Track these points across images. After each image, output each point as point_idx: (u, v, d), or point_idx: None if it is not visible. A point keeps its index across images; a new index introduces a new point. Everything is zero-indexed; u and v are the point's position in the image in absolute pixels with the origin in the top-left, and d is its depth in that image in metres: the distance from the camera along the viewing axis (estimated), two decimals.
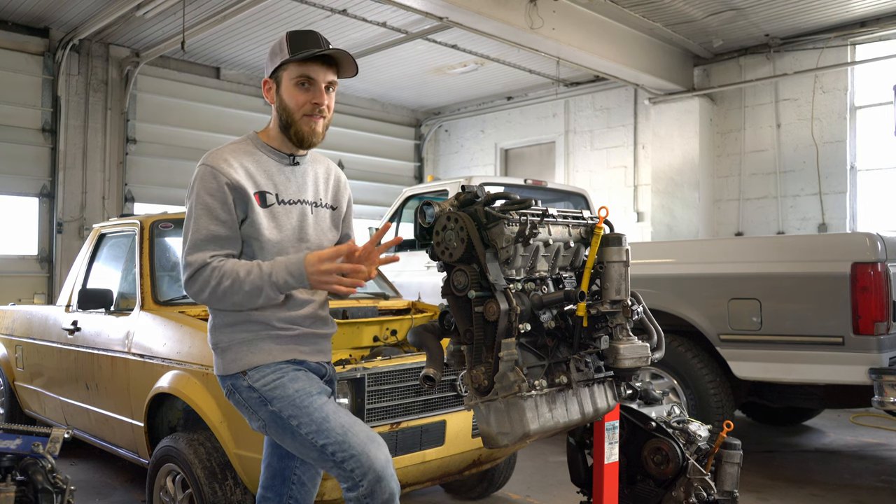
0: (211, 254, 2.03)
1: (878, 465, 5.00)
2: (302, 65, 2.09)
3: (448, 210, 2.02)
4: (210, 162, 2.09)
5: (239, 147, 2.17)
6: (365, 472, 1.94)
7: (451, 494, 4.23)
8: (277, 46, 2.13)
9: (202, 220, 2.04)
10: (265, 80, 2.18)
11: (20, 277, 8.51)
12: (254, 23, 8.34)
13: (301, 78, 2.10)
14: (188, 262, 2.02)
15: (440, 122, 12.68)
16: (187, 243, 2.04)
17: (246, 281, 1.99)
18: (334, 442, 1.97)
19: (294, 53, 2.08)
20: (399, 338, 3.72)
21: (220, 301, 2.03)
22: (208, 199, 2.05)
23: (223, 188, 2.05)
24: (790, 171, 8.73)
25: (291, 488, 2.27)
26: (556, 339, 2.05)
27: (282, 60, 2.10)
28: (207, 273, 2.00)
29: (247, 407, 2.10)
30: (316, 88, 2.12)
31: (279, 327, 2.11)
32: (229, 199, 2.06)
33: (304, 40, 2.10)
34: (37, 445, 2.84)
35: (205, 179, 2.07)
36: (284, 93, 2.13)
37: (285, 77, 2.12)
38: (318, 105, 2.12)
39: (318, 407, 2.03)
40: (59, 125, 8.70)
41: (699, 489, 2.44)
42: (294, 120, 2.13)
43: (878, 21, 7.95)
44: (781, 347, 4.22)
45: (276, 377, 2.07)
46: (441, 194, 6.56)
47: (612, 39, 8.16)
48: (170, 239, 4.13)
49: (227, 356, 2.11)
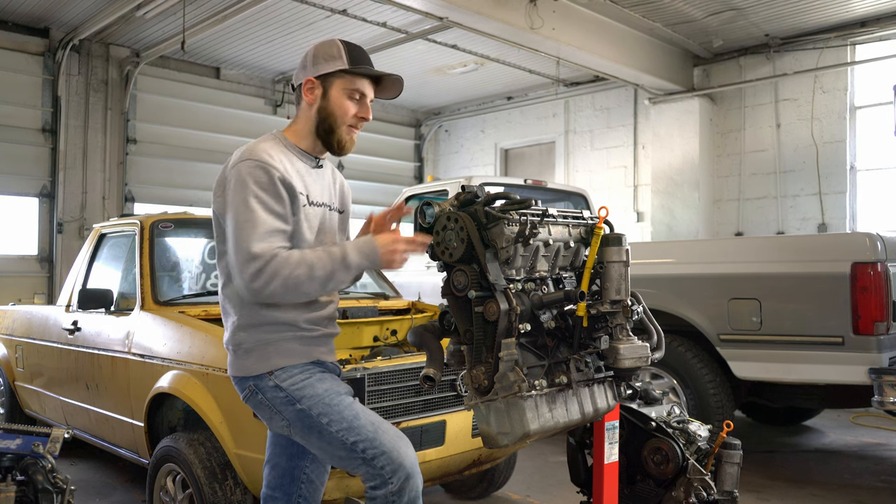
0: (278, 244, 1.99)
1: (878, 465, 5.00)
2: (357, 78, 2.13)
3: (448, 210, 2.02)
4: (255, 157, 2.04)
5: (273, 146, 2.12)
6: (396, 468, 1.96)
7: (451, 494, 4.23)
8: (334, 50, 2.12)
9: (260, 213, 1.98)
10: (309, 79, 2.14)
11: (20, 277, 8.51)
12: (254, 23, 8.34)
13: (355, 91, 2.14)
14: (256, 253, 1.93)
15: (440, 122, 12.68)
16: (251, 236, 1.95)
17: (317, 266, 1.97)
18: (365, 439, 1.99)
19: (354, 65, 2.10)
20: (399, 338, 3.72)
21: (290, 292, 1.98)
22: (263, 193, 2.00)
23: (276, 183, 2.03)
24: (790, 171, 8.73)
25: (301, 487, 2.27)
26: (556, 339, 2.05)
27: (341, 68, 2.10)
28: (277, 263, 1.94)
29: (270, 407, 2.09)
30: (364, 104, 2.17)
31: (305, 328, 2.13)
32: (283, 193, 2.04)
33: (360, 55, 2.15)
34: (37, 445, 2.85)
35: (254, 173, 2.01)
36: (334, 100, 2.13)
37: (338, 84, 2.13)
38: (364, 120, 2.18)
39: (348, 405, 2.05)
40: (59, 125, 8.71)
41: (699, 489, 2.44)
42: (337, 127, 2.14)
43: (878, 21, 7.96)
44: (781, 347, 4.22)
45: (305, 377, 2.08)
46: (441, 194, 6.56)
47: (612, 39, 8.16)
48: (170, 239, 4.13)
49: (252, 356, 2.09)
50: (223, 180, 2.09)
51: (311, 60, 2.15)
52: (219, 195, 2.10)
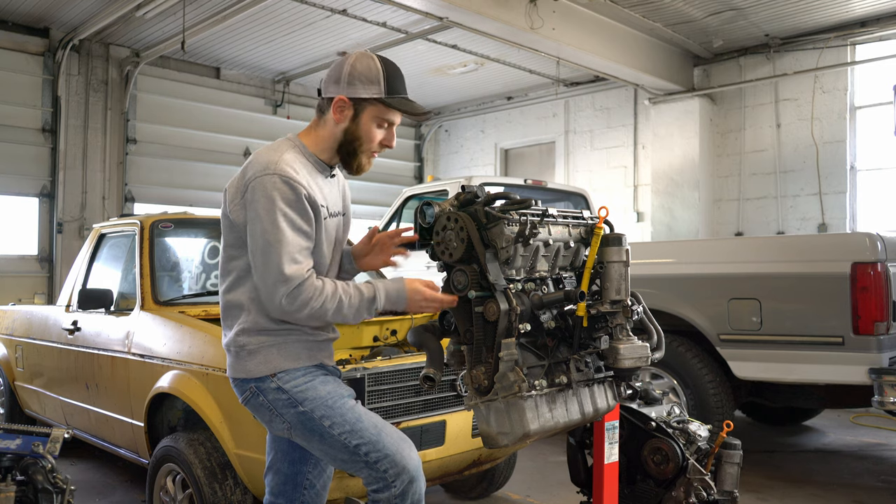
0: (307, 266, 1.99)
1: (878, 465, 5.00)
2: (391, 109, 2.11)
3: (448, 210, 2.02)
4: (280, 171, 1.99)
5: (293, 156, 2.08)
6: (399, 472, 1.96)
7: (451, 494, 4.23)
8: (372, 74, 2.08)
9: (289, 232, 1.97)
10: (342, 98, 2.08)
11: (20, 277, 8.51)
12: (254, 23, 8.34)
13: (385, 121, 2.13)
14: (288, 275, 1.93)
15: (440, 122, 12.68)
16: (282, 257, 1.94)
17: (347, 304, 2.00)
18: (368, 442, 1.98)
19: (391, 95, 2.08)
20: (399, 338, 3.72)
21: (315, 319, 2.01)
22: (291, 211, 1.98)
23: (303, 200, 2.01)
24: (790, 171, 8.73)
25: (303, 493, 2.25)
26: (556, 339, 2.05)
27: (377, 97, 2.07)
28: (309, 290, 1.95)
29: (271, 409, 2.08)
30: (391, 132, 2.16)
31: (310, 332, 2.13)
32: (309, 211, 2.03)
33: (397, 82, 2.12)
34: (37, 445, 2.84)
35: (281, 189, 1.97)
36: (363, 125, 2.11)
37: (370, 111, 2.10)
38: (387, 147, 2.18)
39: (350, 408, 2.05)
40: (59, 125, 8.70)
41: (699, 489, 2.44)
42: (361, 152, 2.14)
43: (878, 21, 7.95)
44: (781, 347, 4.22)
45: (308, 380, 2.08)
46: (441, 194, 6.56)
47: (612, 39, 8.16)
48: (170, 239, 4.13)
49: (255, 358, 2.08)
50: (242, 187, 2.04)
51: (346, 77, 2.08)
52: (237, 202, 2.06)
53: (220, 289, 2.18)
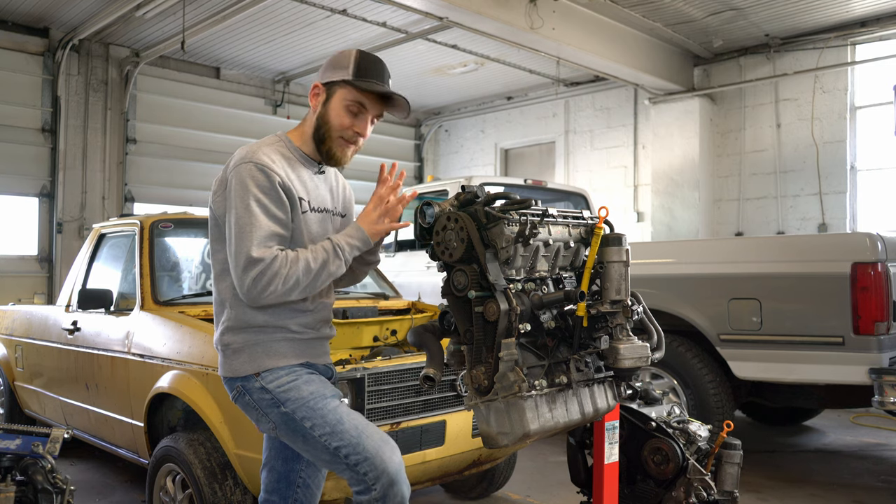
0: (277, 248, 1.99)
1: (878, 465, 5.00)
2: (361, 91, 2.11)
3: (448, 210, 2.02)
4: (256, 160, 2.02)
5: (275, 149, 2.11)
6: (378, 475, 1.93)
7: (451, 494, 4.23)
8: (344, 59, 2.12)
9: (262, 217, 1.98)
10: (316, 84, 2.15)
11: (20, 277, 8.51)
12: (254, 23, 8.34)
13: (355, 104, 2.12)
14: (256, 257, 1.94)
15: (440, 122, 12.68)
16: (252, 240, 1.95)
17: (311, 259, 2.00)
18: (348, 444, 1.96)
19: (358, 77, 2.09)
20: (399, 338, 3.72)
21: (289, 292, 1.98)
22: (264, 197, 2.00)
23: (277, 188, 2.02)
24: (790, 171, 8.73)
25: (297, 491, 2.26)
26: (556, 339, 2.05)
27: (343, 79, 2.10)
28: (277, 265, 1.95)
29: (257, 409, 2.08)
30: (363, 118, 2.15)
31: (295, 331, 2.12)
32: (283, 198, 2.04)
33: (371, 68, 2.12)
34: (37, 445, 2.84)
35: (256, 177, 2.00)
36: (332, 109, 2.12)
37: (339, 94, 2.11)
38: (358, 134, 2.16)
39: (332, 409, 2.03)
40: (59, 125, 8.70)
41: (699, 489, 2.44)
42: (330, 137, 2.13)
43: (878, 21, 7.95)
44: (781, 347, 4.22)
45: (291, 379, 2.06)
46: (441, 194, 6.56)
47: (612, 39, 8.16)
48: (170, 239, 4.13)
49: (240, 357, 2.08)
50: (223, 180, 2.08)
51: (324, 66, 2.16)
52: (219, 195, 2.10)
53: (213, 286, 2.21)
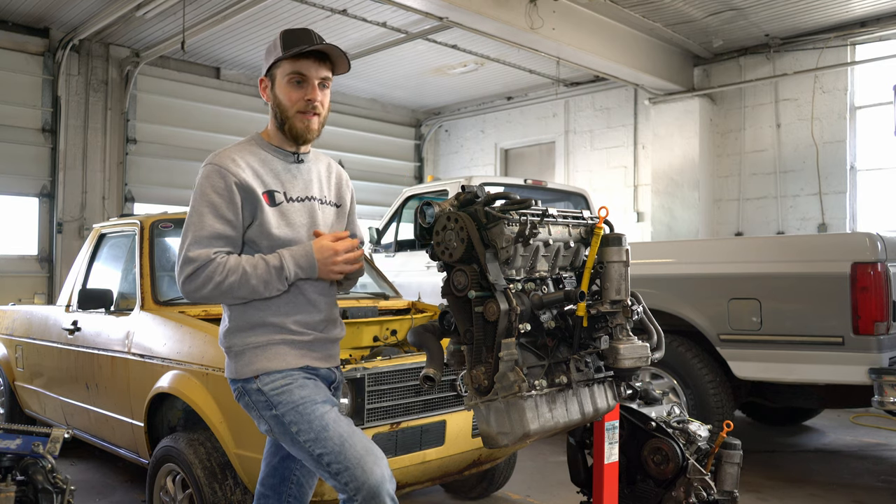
0: (214, 250, 2.01)
1: (878, 465, 5.00)
2: (295, 62, 2.10)
3: (448, 210, 2.02)
4: (217, 161, 2.07)
5: (244, 147, 2.16)
6: (359, 486, 1.91)
7: (451, 494, 4.23)
8: (272, 45, 2.16)
9: (207, 217, 2.02)
10: (261, 79, 2.20)
11: (20, 277, 8.51)
12: (254, 23, 8.34)
13: (294, 75, 2.11)
14: (190, 257, 1.99)
15: (440, 122, 12.68)
16: (188, 239, 2.01)
17: (253, 275, 2.01)
18: (330, 452, 1.95)
19: (287, 51, 2.10)
20: (399, 338, 3.72)
21: (223, 296, 2.03)
22: (215, 197, 2.03)
23: (231, 187, 2.04)
24: (790, 171, 8.73)
25: (290, 488, 2.29)
26: (556, 339, 2.05)
27: (275, 58, 2.12)
28: (211, 269, 1.98)
29: (255, 409, 2.11)
30: (308, 85, 2.13)
31: (295, 331, 2.12)
32: (237, 198, 2.05)
33: (298, 38, 2.12)
34: (37, 445, 2.84)
35: (211, 178, 2.05)
36: (278, 90, 2.14)
37: (279, 74, 2.14)
38: (311, 101, 2.13)
39: (320, 416, 2.01)
40: (59, 125, 8.70)
41: (699, 489, 2.44)
42: (288, 116, 2.14)
43: (878, 21, 7.96)
44: (781, 347, 4.22)
45: (286, 382, 2.07)
46: (441, 194, 6.56)
47: (612, 39, 8.16)
48: (170, 239, 4.13)
49: (241, 360, 2.10)
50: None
51: (263, 62, 2.20)
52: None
53: None
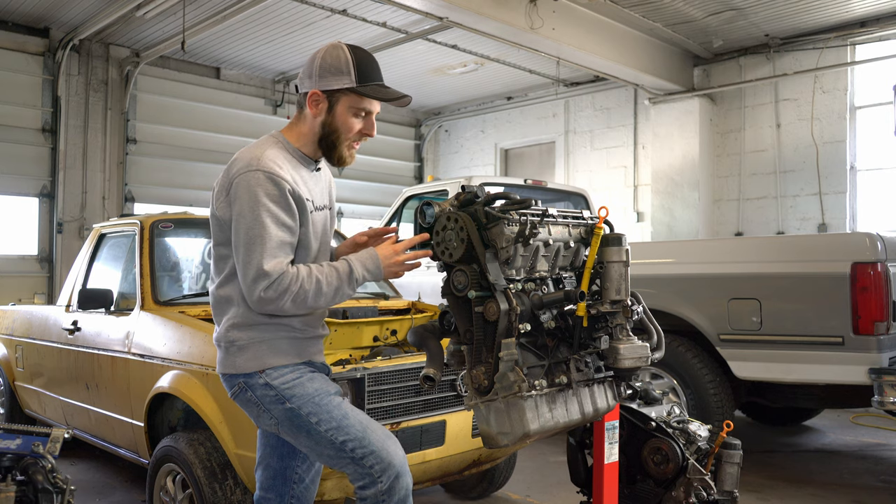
0: (286, 260, 2.00)
1: (878, 465, 5.00)
2: (364, 97, 2.10)
3: (448, 210, 2.02)
4: (264, 167, 2.01)
5: (278, 152, 2.10)
6: (385, 467, 1.98)
7: (451, 494, 4.23)
8: (342, 64, 2.07)
9: (272, 227, 1.98)
10: (315, 92, 2.09)
11: (20, 277, 8.51)
12: (254, 23, 8.34)
13: (361, 110, 2.11)
14: (268, 270, 1.94)
15: (440, 122, 12.68)
16: (262, 251, 1.96)
17: (325, 283, 2.01)
18: (354, 438, 2.01)
19: (362, 83, 2.07)
20: (399, 338, 3.72)
21: (298, 307, 2.01)
22: (273, 205, 2.00)
23: (286, 195, 2.02)
24: (790, 171, 8.73)
25: (293, 487, 2.28)
26: (556, 339, 2.05)
27: (349, 87, 2.07)
28: (287, 281, 1.96)
29: (258, 405, 2.10)
30: (369, 120, 2.15)
31: (299, 328, 2.15)
32: (293, 205, 2.04)
33: (371, 69, 2.10)
34: (37, 445, 2.84)
35: (265, 185, 1.99)
36: (339, 116, 2.10)
37: (344, 102, 2.09)
38: (368, 136, 2.17)
39: (337, 405, 2.07)
40: (59, 125, 8.70)
41: (699, 489, 2.44)
42: (340, 143, 2.13)
43: (878, 21, 7.95)
44: (781, 347, 4.22)
45: (296, 376, 2.10)
46: (441, 194, 6.55)
47: (612, 39, 8.16)
48: (170, 239, 4.13)
49: (244, 354, 2.10)
50: (227, 184, 2.06)
51: (317, 71, 2.09)
52: (222, 199, 2.08)
53: (211, 286, 2.20)
